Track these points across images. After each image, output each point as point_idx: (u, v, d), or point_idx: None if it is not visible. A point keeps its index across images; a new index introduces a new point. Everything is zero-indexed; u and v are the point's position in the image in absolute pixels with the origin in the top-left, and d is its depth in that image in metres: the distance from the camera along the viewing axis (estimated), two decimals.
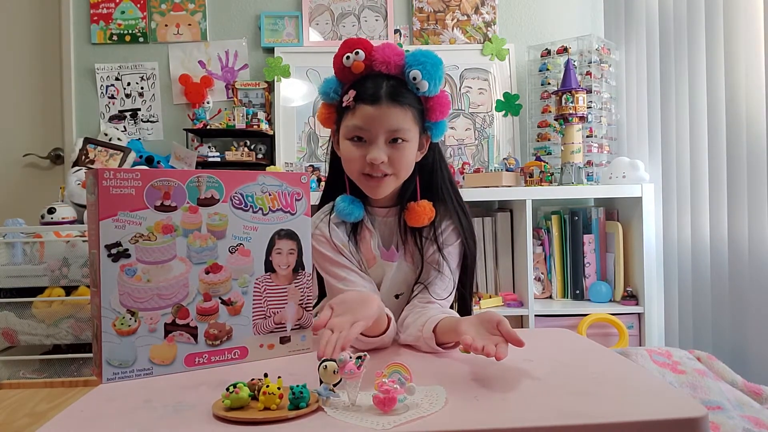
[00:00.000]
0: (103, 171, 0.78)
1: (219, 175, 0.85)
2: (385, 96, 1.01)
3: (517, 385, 0.74)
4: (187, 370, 0.84)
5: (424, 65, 1.01)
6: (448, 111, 1.09)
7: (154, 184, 0.81)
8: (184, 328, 0.84)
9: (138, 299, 0.81)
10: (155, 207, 0.81)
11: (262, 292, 0.90)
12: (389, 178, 1.05)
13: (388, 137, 1.02)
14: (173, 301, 0.83)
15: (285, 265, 0.92)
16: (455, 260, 1.12)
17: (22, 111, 2.56)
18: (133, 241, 0.80)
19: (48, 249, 1.93)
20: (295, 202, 0.92)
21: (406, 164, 1.06)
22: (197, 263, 0.84)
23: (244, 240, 0.87)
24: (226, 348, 0.87)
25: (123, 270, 0.80)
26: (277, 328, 0.91)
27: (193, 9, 2.48)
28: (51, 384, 1.40)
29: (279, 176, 0.91)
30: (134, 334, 0.81)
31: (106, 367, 0.80)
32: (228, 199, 0.86)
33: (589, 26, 2.46)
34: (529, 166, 2.09)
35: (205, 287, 0.85)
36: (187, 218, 0.83)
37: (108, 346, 0.80)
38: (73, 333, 1.88)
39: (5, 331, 1.88)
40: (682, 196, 1.90)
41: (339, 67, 1.06)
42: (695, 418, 0.62)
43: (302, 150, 2.40)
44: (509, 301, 2.04)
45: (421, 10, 2.48)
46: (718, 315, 1.71)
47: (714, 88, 1.73)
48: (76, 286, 1.88)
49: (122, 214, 0.79)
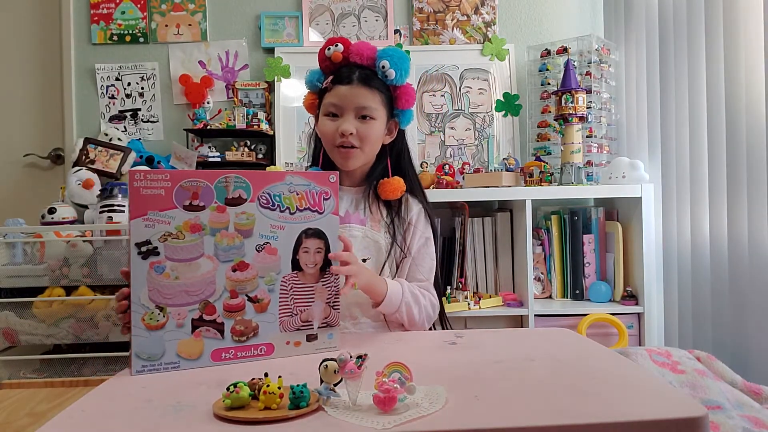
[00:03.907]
0: (134, 173, 0.82)
1: (247, 176, 0.87)
2: (357, 79, 1.21)
3: (517, 385, 0.74)
4: (214, 365, 0.85)
5: (392, 57, 1.21)
6: (414, 101, 1.28)
7: (183, 185, 0.84)
8: (210, 324, 0.86)
9: (166, 295, 0.84)
10: (184, 207, 0.84)
11: (289, 290, 0.91)
12: (357, 151, 1.22)
13: (358, 113, 1.21)
14: (200, 297, 0.85)
15: (312, 264, 0.93)
16: (428, 232, 1.30)
17: (23, 111, 2.56)
18: (162, 239, 0.83)
19: (48, 249, 1.93)
20: (323, 201, 0.93)
21: (372, 139, 1.23)
22: (224, 261, 0.86)
23: (270, 239, 0.89)
24: (252, 344, 0.88)
25: (152, 267, 0.83)
26: (304, 325, 0.92)
27: (194, 9, 2.48)
28: (51, 384, 1.40)
29: (307, 176, 0.92)
30: (162, 328, 0.84)
31: (135, 360, 0.83)
32: (255, 199, 0.88)
33: (588, 26, 2.46)
34: (529, 166, 2.09)
35: (232, 284, 0.87)
36: (215, 217, 0.86)
37: (137, 340, 0.83)
38: (74, 333, 1.88)
39: (5, 331, 1.88)
40: (682, 196, 1.90)
41: (322, 58, 1.26)
42: (695, 417, 0.62)
43: (302, 150, 2.40)
44: (509, 301, 2.04)
45: (421, 10, 2.48)
46: (718, 315, 1.71)
47: (714, 88, 1.73)
48: (76, 286, 1.88)
49: (152, 213, 0.82)
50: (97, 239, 1.92)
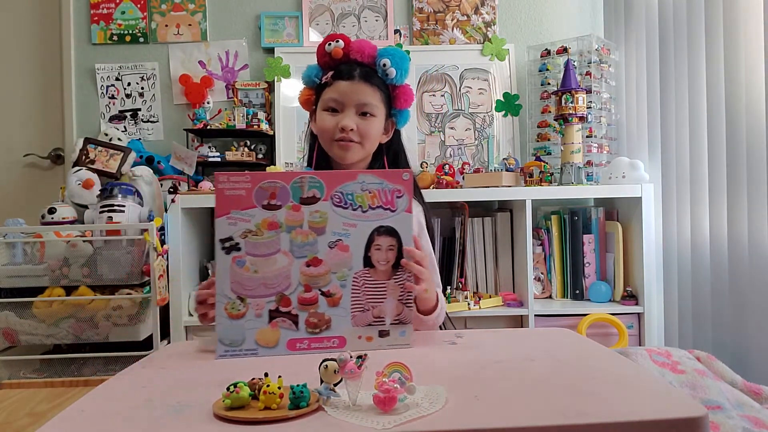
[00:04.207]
0: (219, 175, 0.89)
1: (321, 176, 0.92)
2: (358, 75, 1.20)
3: (517, 385, 0.74)
4: (289, 354, 0.90)
5: (393, 56, 1.21)
6: (412, 101, 1.27)
7: (262, 186, 0.90)
8: (286, 315, 0.91)
9: (246, 287, 0.90)
10: (263, 206, 0.90)
11: (361, 286, 0.93)
12: (356, 146, 1.22)
13: (358, 109, 1.21)
14: (277, 290, 0.91)
15: (384, 261, 0.94)
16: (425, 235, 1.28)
17: (23, 111, 2.56)
18: (243, 236, 0.90)
19: (48, 249, 1.93)
20: (396, 199, 0.94)
21: (371, 135, 1.22)
22: (299, 257, 0.91)
23: (343, 236, 0.92)
24: (325, 336, 0.92)
25: (234, 261, 0.89)
26: (376, 321, 0.94)
27: (193, 9, 2.48)
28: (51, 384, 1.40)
29: (379, 174, 0.94)
30: (243, 318, 0.90)
31: (219, 346, 0.89)
32: (329, 198, 0.92)
33: (588, 26, 2.46)
34: (529, 166, 2.09)
35: (306, 279, 0.92)
36: (291, 216, 0.91)
37: (221, 327, 0.90)
38: (73, 333, 1.88)
39: (5, 331, 1.88)
40: (682, 196, 1.90)
41: (321, 54, 1.25)
42: (695, 418, 0.62)
43: (302, 150, 2.40)
44: (509, 301, 2.04)
45: (421, 10, 2.48)
46: (718, 315, 1.71)
47: (714, 88, 1.73)
48: (76, 286, 1.88)
49: (234, 212, 0.89)
50: (97, 239, 1.92)
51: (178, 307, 1.94)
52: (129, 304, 1.88)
